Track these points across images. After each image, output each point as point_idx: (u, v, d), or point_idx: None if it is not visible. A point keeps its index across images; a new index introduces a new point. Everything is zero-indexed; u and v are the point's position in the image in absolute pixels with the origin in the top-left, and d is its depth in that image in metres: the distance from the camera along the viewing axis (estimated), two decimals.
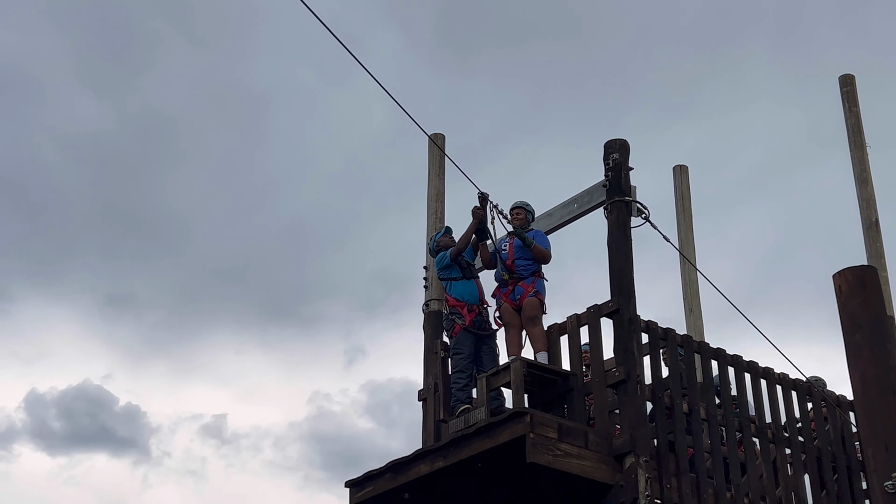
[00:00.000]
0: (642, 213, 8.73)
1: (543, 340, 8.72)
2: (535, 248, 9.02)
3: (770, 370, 9.35)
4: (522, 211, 9.29)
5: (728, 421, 8.75)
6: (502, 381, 8.41)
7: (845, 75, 11.13)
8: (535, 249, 9.02)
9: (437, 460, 8.17)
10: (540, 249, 9.04)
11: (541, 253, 9.04)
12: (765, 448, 8.99)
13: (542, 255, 9.04)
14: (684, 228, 11.77)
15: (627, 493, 7.67)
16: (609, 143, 8.85)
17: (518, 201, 9.39)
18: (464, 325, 9.01)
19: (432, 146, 10.33)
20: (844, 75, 11.14)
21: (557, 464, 7.57)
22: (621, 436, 7.91)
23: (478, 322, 9.08)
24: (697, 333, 11.00)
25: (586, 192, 9.15)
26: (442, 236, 9.64)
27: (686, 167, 12.17)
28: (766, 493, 8.74)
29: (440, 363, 9.35)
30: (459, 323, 9.05)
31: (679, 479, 8.04)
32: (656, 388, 8.34)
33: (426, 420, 9.30)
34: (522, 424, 7.56)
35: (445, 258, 9.33)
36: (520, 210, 9.30)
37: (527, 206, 9.35)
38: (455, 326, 9.07)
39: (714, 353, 9.02)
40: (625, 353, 8.12)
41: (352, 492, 8.77)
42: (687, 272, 11.57)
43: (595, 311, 8.42)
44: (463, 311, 9.09)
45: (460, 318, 9.06)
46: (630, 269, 8.47)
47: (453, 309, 9.16)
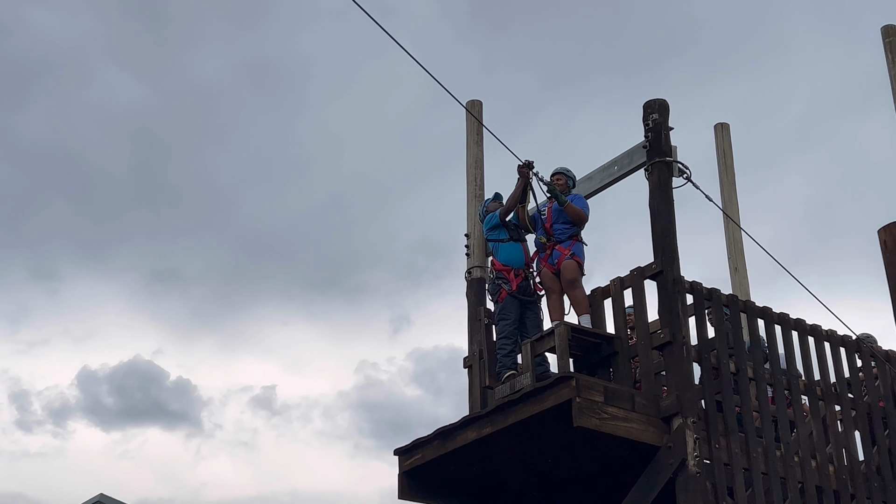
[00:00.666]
0: (684, 173, 8.67)
1: (585, 303, 8.70)
2: (569, 206, 8.99)
3: (817, 327, 9.27)
4: (563, 176, 9.29)
5: (776, 379, 8.70)
6: (547, 346, 8.41)
7: (887, 26, 10.91)
8: (570, 208, 8.99)
9: (484, 426, 8.20)
10: (574, 209, 9.00)
11: (575, 213, 9.00)
12: (814, 405, 8.94)
13: (577, 214, 9.00)
14: (727, 187, 11.66)
15: (676, 455, 7.66)
16: (648, 103, 8.78)
17: (559, 167, 9.38)
18: (510, 291, 9.02)
19: (469, 114, 10.31)
20: (887, 26, 10.92)
21: (604, 427, 7.57)
22: (668, 397, 7.89)
23: (524, 287, 9.08)
24: (743, 293, 10.93)
25: (626, 153, 9.09)
26: (491, 202, 9.64)
27: (727, 125, 12.04)
28: (816, 451, 8.69)
29: (484, 330, 9.37)
30: (506, 288, 9.04)
31: (728, 438, 8.02)
32: (702, 348, 8.30)
33: (472, 387, 9.34)
34: (568, 389, 7.57)
35: (494, 217, 9.35)
36: (560, 175, 9.29)
37: (567, 172, 9.35)
38: (501, 292, 9.07)
39: (760, 311, 8.96)
40: (670, 314, 8.08)
41: (401, 459, 8.85)
42: (731, 231, 11.47)
43: (638, 273, 8.39)
44: (509, 275, 9.08)
45: (507, 284, 9.06)
46: (673, 230, 8.41)
47: (500, 273, 9.15)
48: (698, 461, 7.64)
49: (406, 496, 8.80)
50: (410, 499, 8.84)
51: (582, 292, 8.79)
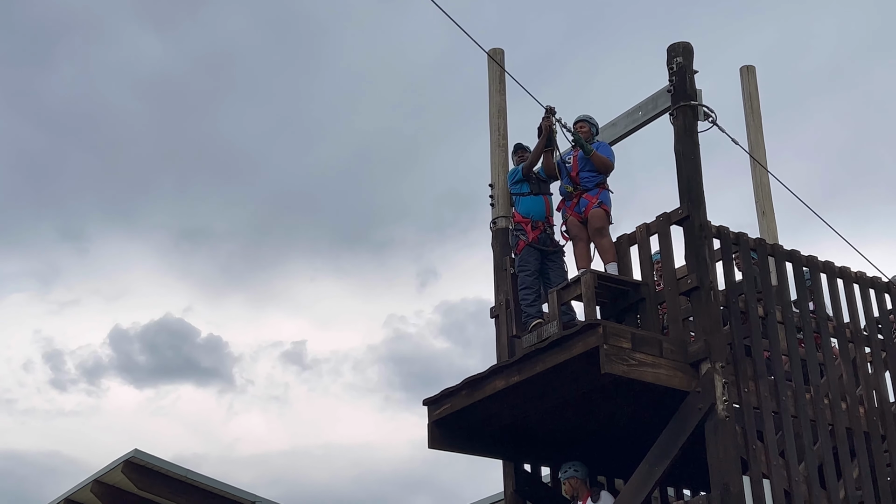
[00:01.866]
0: (709, 117, 8.57)
1: (612, 251, 8.67)
2: (595, 155, 8.93)
3: (846, 269, 9.20)
4: (586, 124, 9.21)
5: (805, 322, 8.65)
6: (573, 294, 8.39)
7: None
8: (595, 157, 8.93)
9: (512, 375, 8.22)
10: (600, 158, 8.94)
11: (601, 161, 8.94)
12: (843, 347, 8.89)
13: (603, 163, 8.95)
14: (754, 131, 11.51)
15: (704, 399, 7.65)
16: (672, 46, 8.66)
17: (581, 115, 9.30)
18: (527, 242, 9.02)
19: (491, 62, 10.22)
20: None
21: (632, 373, 7.57)
22: (696, 342, 7.87)
23: (542, 239, 9.07)
24: (771, 236, 10.82)
25: (651, 98, 9.00)
26: (513, 153, 9.61)
27: (753, 67, 11.85)
28: (846, 393, 8.66)
29: (510, 280, 9.36)
30: (523, 239, 9.06)
31: (757, 382, 8.00)
32: (730, 293, 8.26)
33: (499, 336, 9.35)
34: (595, 336, 7.56)
35: (517, 173, 9.34)
36: (583, 123, 9.21)
37: (590, 120, 9.27)
38: (519, 243, 9.11)
39: (788, 254, 8.89)
40: (696, 259, 8.04)
41: (430, 409, 8.89)
42: (758, 175, 11.34)
43: (664, 218, 8.33)
44: (527, 227, 9.09)
45: (524, 235, 9.07)
46: (699, 175, 8.34)
47: (518, 225, 9.19)
48: (727, 405, 7.63)
49: (435, 445, 8.86)
50: (439, 448, 8.89)
51: (609, 240, 8.76)
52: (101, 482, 15.83)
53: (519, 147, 9.62)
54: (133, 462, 15.38)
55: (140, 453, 15.32)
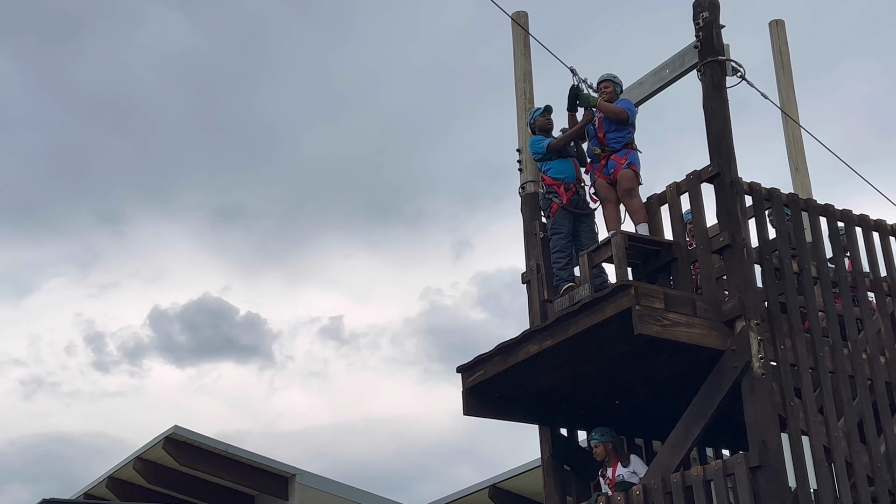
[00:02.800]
0: (738, 72, 8.43)
1: (643, 212, 8.57)
2: (601, 105, 8.79)
3: (882, 222, 9.05)
4: (610, 84, 9.07)
5: (841, 277, 8.53)
6: (604, 256, 8.32)
7: None
8: (602, 107, 8.79)
9: (545, 339, 8.18)
10: (609, 106, 8.78)
11: (610, 110, 8.78)
12: (881, 301, 8.76)
13: (612, 111, 8.79)
14: (784, 86, 11.32)
15: (740, 358, 7.57)
16: (698, 1, 8.52)
17: (605, 74, 9.16)
18: (561, 204, 8.90)
19: (515, 26, 10.11)
20: None
21: (666, 333, 7.50)
22: (730, 301, 7.78)
23: (575, 200, 8.96)
24: (805, 192, 10.65)
25: (677, 55, 8.85)
26: (540, 115, 9.45)
27: (783, 21, 11.64)
28: (885, 347, 8.54)
29: (540, 244, 9.29)
30: (556, 202, 8.94)
31: (793, 339, 7.90)
32: (763, 249, 8.15)
33: (531, 302, 9.29)
34: (628, 297, 7.49)
35: (542, 148, 9.17)
36: (607, 83, 9.07)
37: (614, 79, 9.12)
38: (552, 205, 8.98)
39: (822, 209, 8.75)
40: (728, 216, 7.93)
41: (464, 376, 8.87)
42: (790, 131, 11.16)
43: (695, 177, 8.23)
44: (560, 189, 8.97)
45: (557, 197, 8.96)
46: (728, 131, 8.22)
47: (550, 188, 9.05)
48: (763, 363, 7.54)
49: (470, 412, 8.85)
50: (474, 414, 8.88)
51: (639, 201, 8.65)
52: (142, 459, 16.05)
53: (549, 109, 9.45)
54: (173, 438, 15.57)
55: (180, 429, 15.49)
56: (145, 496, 16.16)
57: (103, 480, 16.64)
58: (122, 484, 16.59)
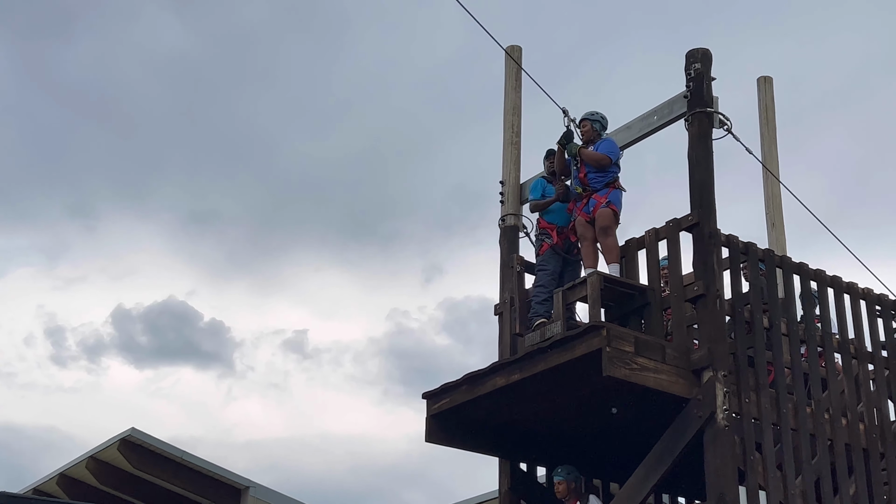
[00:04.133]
0: (724, 125, 8.53)
1: (616, 252, 8.60)
2: (583, 153, 8.86)
3: (854, 285, 9.16)
4: (587, 122, 9.08)
5: (809, 336, 8.62)
6: (579, 295, 8.37)
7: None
8: (584, 155, 8.86)
9: (513, 373, 8.20)
10: (590, 154, 8.84)
11: (591, 158, 8.84)
12: (847, 363, 8.85)
13: (592, 159, 8.85)
14: (767, 142, 11.47)
15: (705, 407, 7.62)
16: (691, 52, 8.62)
17: (586, 113, 9.19)
18: (552, 244, 9.02)
19: (508, 59, 10.19)
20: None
21: (634, 377, 7.54)
22: (699, 350, 7.84)
23: (566, 245, 9.04)
24: (780, 248, 10.79)
25: (667, 103, 8.94)
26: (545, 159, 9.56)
27: (770, 78, 11.81)
28: (847, 409, 8.63)
29: (516, 278, 9.34)
30: (548, 242, 9.08)
31: (758, 393, 7.97)
32: (736, 302, 8.23)
33: (502, 334, 9.32)
34: (599, 338, 7.53)
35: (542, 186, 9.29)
36: (585, 122, 9.10)
37: (592, 117, 9.09)
38: (543, 245, 9.13)
39: (796, 267, 8.85)
40: (704, 267, 8.01)
41: (429, 403, 8.87)
42: (770, 186, 11.31)
43: (674, 224, 8.30)
44: (553, 233, 9.09)
45: (549, 239, 9.08)
46: (711, 182, 8.30)
47: (543, 230, 9.19)
48: (727, 415, 7.60)
49: (432, 439, 8.84)
50: (437, 442, 8.87)
51: (614, 241, 8.68)
52: (96, 459, 15.86)
53: (551, 153, 9.52)
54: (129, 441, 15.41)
55: (136, 432, 15.34)
56: (96, 496, 15.96)
57: (54, 477, 16.42)
58: (74, 482, 16.38)
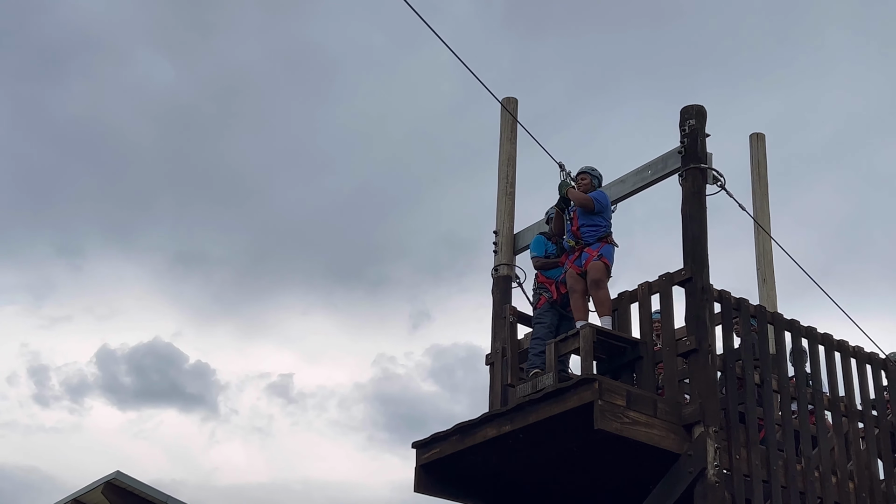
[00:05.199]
0: (718, 181, 8.60)
1: (608, 305, 8.63)
2: (570, 192, 8.96)
3: (844, 342, 9.19)
4: (587, 176, 9.22)
5: (800, 393, 8.63)
6: (571, 347, 8.38)
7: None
8: (571, 194, 8.96)
9: (504, 424, 8.18)
10: (577, 195, 8.94)
11: (578, 198, 8.93)
12: (837, 421, 8.86)
13: (579, 200, 8.93)
14: (759, 197, 11.54)
15: (696, 463, 7.61)
16: (686, 108, 8.72)
17: (584, 167, 9.32)
18: (550, 299, 9.06)
19: (504, 111, 10.28)
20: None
21: (625, 431, 7.53)
22: (691, 405, 7.84)
23: (564, 300, 9.07)
24: (771, 304, 10.82)
25: (661, 158, 9.03)
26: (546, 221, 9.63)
27: (763, 135, 11.91)
28: (837, 467, 8.62)
29: (508, 328, 9.35)
30: (546, 296, 9.13)
31: (749, 449, 7.96)
32: (728, 358, 8.25)
33: (493, 384, 9.31)
34: (591, 391, 7.53)
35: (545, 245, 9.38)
36: (584, 175, 9.22)
37: (592, 172, 9.27)
38: (542, 298, 9.19)
39: (787, 323, 8.89)
40: (696, 321, 8.03)
41: (418, 453, 8.84)
42: (761, 242, 11.36)
43: (667, 279, 8.34)
44: (552, 287, 9.14)
45: (547, 293, 9.13)
46: (704, 238, 8.36)
47: (542, 285, 9.25)
48: (718, 471, 7.59)
49: (421, 490, 8.80)
50: (426, 493, 8.83)
51: (606, 293, 8.71)
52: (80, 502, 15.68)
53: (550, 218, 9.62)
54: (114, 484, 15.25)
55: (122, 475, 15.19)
56: None
57: None
58: None
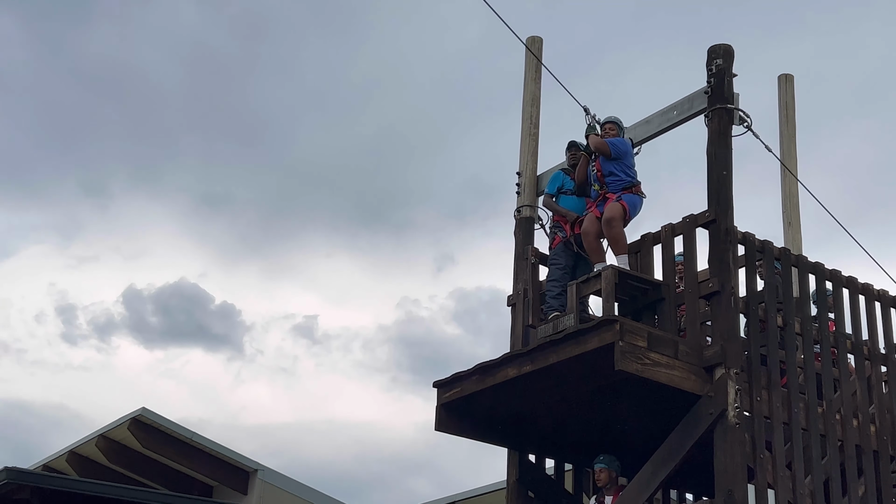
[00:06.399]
0: (744, 122, 8.49)
1: (623, 244, 8.51)
2: (591, 137, 8.87)
3: (869, 286, 9.12)
4: (614, 126, 9.08)
5: (823, 336, 8.59)
6: (593, 288, 8.34)
7: None
8: (591, 139, 8.87)
9: (524, 364, 8.19)
10: (594, 139, 8.84)
11: (594, 143, 8.83)
12: (860, 365, 8.82)
13: (596, 145, 8.83)
14: (787, 140, 11.40)
15: (716, 405, 7.61)
16: (713, 48, 8.58)
17: (611, 116, 9.18)
18: (564, 238, 8.99)
19: (528, 51, 10.16)
20: None
21: (646, 372, 7.53)
22: (712, 347, 7.82)
23: (578, 239, 9.00)
24: (796, 247, 10.74)
25: (686, 98, 8.91)
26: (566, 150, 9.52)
27: (792, 76, 11.73)
28: (858, 410, 8.60)
29: (530, 269, 9.32)
30: (560, 235, 9.06)
31: (770, 392, 7.95)
32: (750, 300, 8.20)
33: (515, 325, 9.32)
34: (612, 332, 7.52)
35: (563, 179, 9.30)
36: (612, 125, 9.09)
37: (619, 122, 9.12)
38: (556, 238, 9.11)
39: (812, 266, 8.82)
40: (720, 264, 7.98)
41: (439, 392, 8.88)
42: (788, 185, 11.25)
43: (691, 220, 8.27)
44: (566, 226, 9.06)
45: (561, 232, 9.06)
46: (729, 179, 8.27)
47: (556, 223, 9.17)
48: (738, 412, 7.58)
49: (442, 428, 8.85)
50: (446, 431, 8.88)
51: (620, 232, 8.55)
52: (106, 437, 15.95)
53: (572, 145, 9.49)
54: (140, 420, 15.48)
55: (147, 412, 15.41)
56: (104, 474, 16.05)
57: (64, 454, 16.53)
58: (83, 460, 16.48)
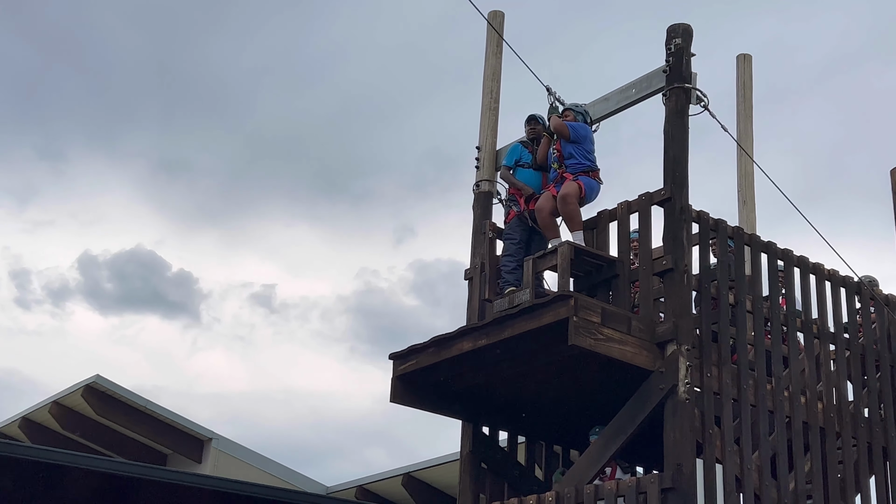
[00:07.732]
0: (701, 101, 8.58)
1: (577, 220, 8.56)
2: (552, 118, 8.95)
3: (820, 266, 9.28)
4: (571, 112, 9.11)
5: (773, 314, 8.74)
6: (549, 264, 8.42)
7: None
8: (552, 121, 8.95)
9: (480, 338, 8.27)
10: (555, 121, 8.92)
11: (555, 124, 8.92)
12: (809, 343, 8.99)
13: (555, 127, 8.91)
14: (743, 120, 11.53)
15: (667, 380, 7.73)
16: (672, 27, 8.65)
17: (571, 103, 9.21)
18: (518, 213, 9.03)
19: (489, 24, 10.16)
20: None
21: (599, 347, 7.63)
22: (665, 323, 7.93)
23: (533, 214, 9.04)
24: (750, 227, 10.89)
25: (645, 77, 8.97)
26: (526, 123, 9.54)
27: (750, 56, 11.85)
28: (806, 387, 8.77)
29: (488, 243, 9.37)
30: (515, 209, 9.09)
31: (720, 368, 8.09)
32: (703, 278, 8.32)
33: (471, 299, 9.38)
34: (566, 307, 7.60)
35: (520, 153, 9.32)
36: (568, 112, 9.11)
37: (576, 108, 9.13)
38: (510, 212, 9.14)
39: (764, 245, 8.95)
40: (674, 241, 8.08)
41: (395, 364, 8.93)
42: (743, 164, 11.38)
43: (646, 198, 8.36)
44: (520, 199, 9.10)
45: (516, 206, 9.09)
46: (685, 158, 8.36)
47: (511, 196, 9.20)
48: (689, 388, 7.71)
49: (398, 400, 8.91)
50: (401, 403, 8.94)
51: (575, 209, 8.59)
52: (59, 404, 15.87)
53: (532, 118, 9.51)
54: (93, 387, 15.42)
55: (101, 379, 15.35)
56: (58, 441, 15.98)
57: (17, 420, 16.43)
58: (36, 426, 16.39)
